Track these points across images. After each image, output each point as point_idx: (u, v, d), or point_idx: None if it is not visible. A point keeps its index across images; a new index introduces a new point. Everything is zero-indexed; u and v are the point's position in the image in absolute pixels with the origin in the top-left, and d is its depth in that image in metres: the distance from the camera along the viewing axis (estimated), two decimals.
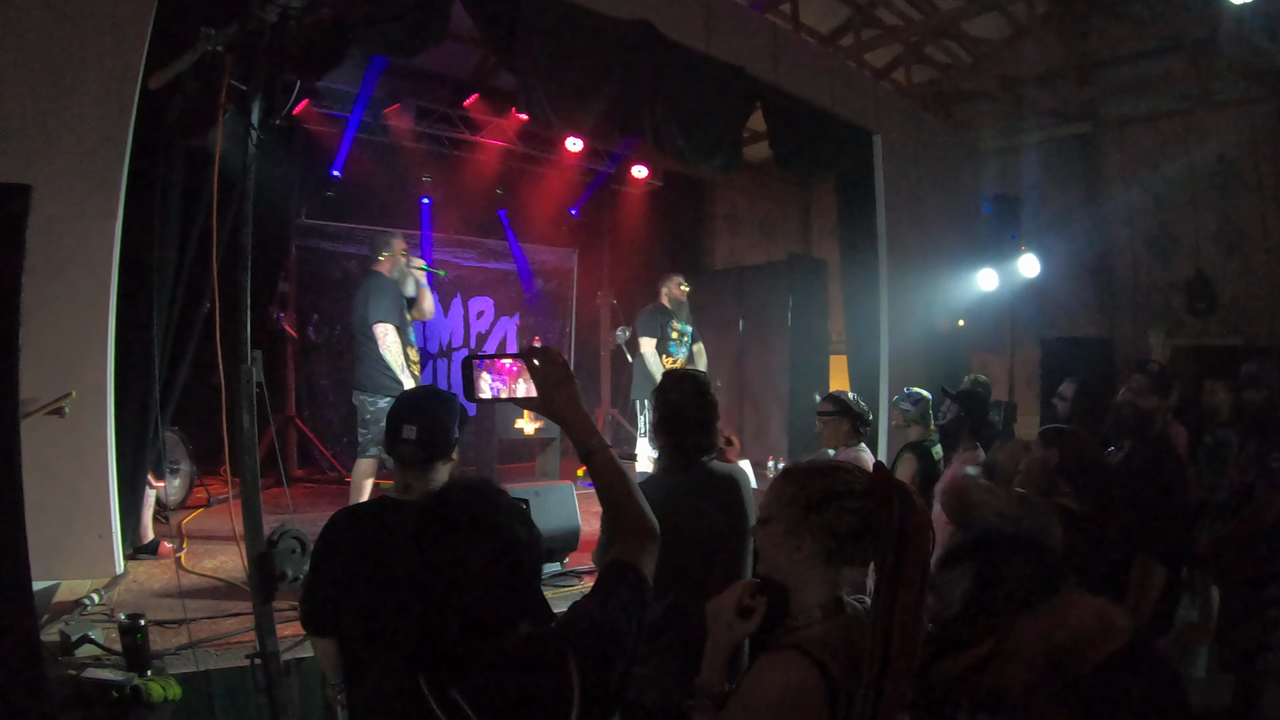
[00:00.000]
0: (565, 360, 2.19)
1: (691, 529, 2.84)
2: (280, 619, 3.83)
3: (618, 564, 2.04)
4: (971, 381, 7.49)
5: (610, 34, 7.49)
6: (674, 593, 2.83)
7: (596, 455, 2.13)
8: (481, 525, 1.74)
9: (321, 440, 10.12)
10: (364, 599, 2.66)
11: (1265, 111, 12.12)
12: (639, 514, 2.12)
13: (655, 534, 2.13)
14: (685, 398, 3.46)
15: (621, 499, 2.13)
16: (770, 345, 11.77)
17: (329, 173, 9.99)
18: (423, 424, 2.90)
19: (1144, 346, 12.80)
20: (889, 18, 12.53)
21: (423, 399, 3.10)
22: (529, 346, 2.23)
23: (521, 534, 1.78)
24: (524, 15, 6.77)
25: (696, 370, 3.59)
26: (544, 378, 2.12)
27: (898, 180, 10.94)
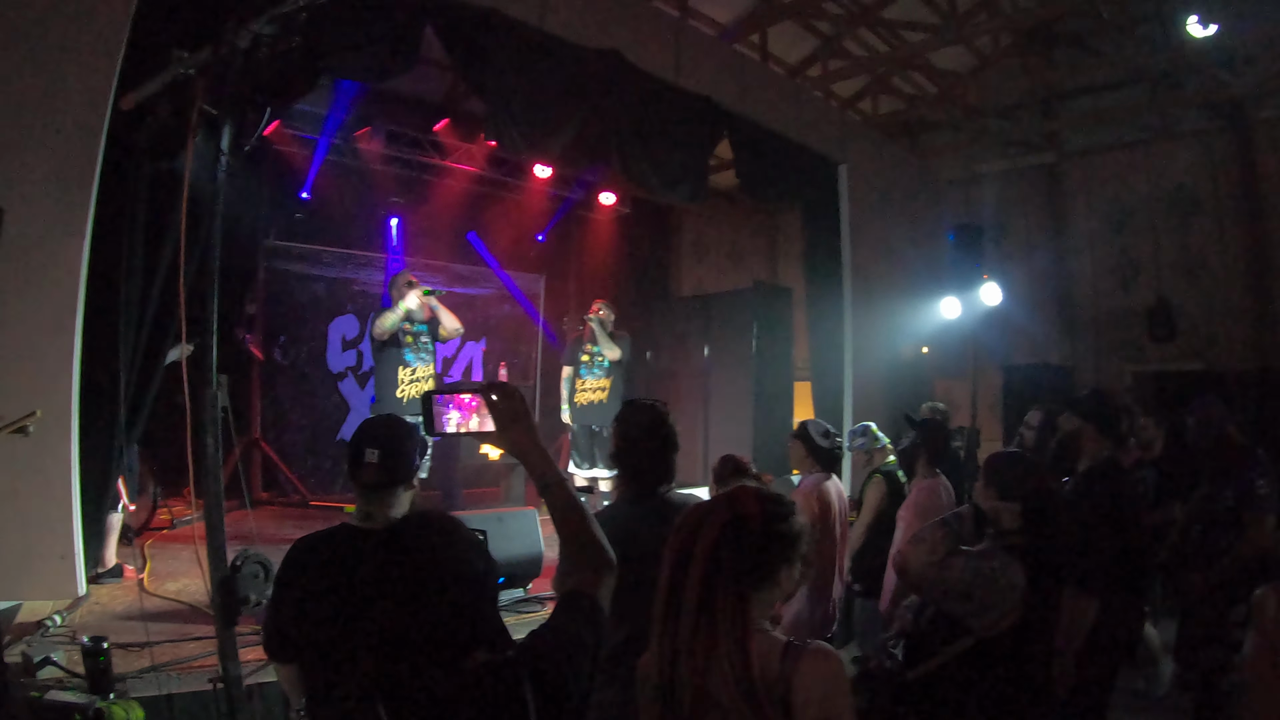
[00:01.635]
0: (523, 396, 2.21)
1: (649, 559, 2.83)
2: (243, 643, 3.81)
3: (574, 594, 2.06)
4: (931, 409, 7.58)
5: (580, 63, 7.55)
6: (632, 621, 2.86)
7: (553, 489, 2.16)
8: (438, 556, 1.77)
9: (286, 463, 10.04)
10: (325, 625, 2.65)
11: (1224, 141, 12.46)
12: (595, 545, 2.15)
13: (612, 565, 2.16)
14: (643, 428, 3.45)
15: (578, 531, 2.16)
16: (735, 372, 11.83)
17: (298, 194, 9.99)
18: (385, 449, 2.90)
19: (1105, 373, 13.01)
20: (856, 49, 12.71)
21: (385, 425, 3.08)
22: (488, 382, 2.25)
23: (478, 564, 1.81)
24: (495, 42, 6.82)
25: (655, 400, 3.59)
26: (501, 413, 2.14)
27: (863, 209, 11.04)
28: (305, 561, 2.84)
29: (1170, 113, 12.86)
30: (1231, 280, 12.44)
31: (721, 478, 4.71)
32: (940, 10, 11.52)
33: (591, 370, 8.95)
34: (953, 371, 13.10)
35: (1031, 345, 13.59)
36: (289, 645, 2.79)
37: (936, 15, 11.67)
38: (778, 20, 11.68)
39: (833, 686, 2.01)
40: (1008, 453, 3.85)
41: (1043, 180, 14.23)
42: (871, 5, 11.79)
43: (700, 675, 1.93)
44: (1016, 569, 3.14)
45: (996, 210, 14.27)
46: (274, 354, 10.43)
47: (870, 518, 5.88)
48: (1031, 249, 13.91)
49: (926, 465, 5.64)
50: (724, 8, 11.46)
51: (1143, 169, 13.15)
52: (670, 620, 1.98)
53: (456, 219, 11.85)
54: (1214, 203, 12.57)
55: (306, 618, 2.72)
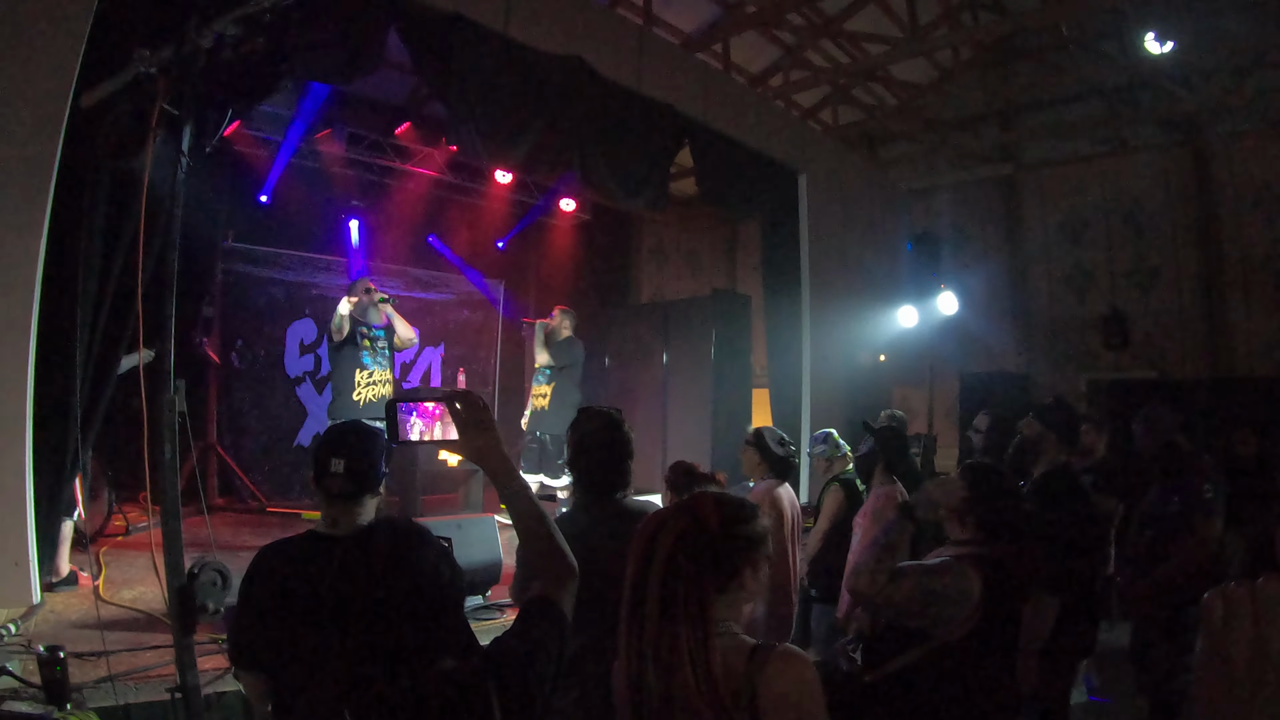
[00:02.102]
0: (486, 404, 2.20)
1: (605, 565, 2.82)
2: (200, 652, 3.77)
3: (538, 600, 2.08)
4: (888, 417, 7.62)
5: (543, 69, 7.53)
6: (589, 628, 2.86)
7: (516, 497, 2.16)
8: (405, 563, 1.78)
9: (243, 468, 9.92)
10: (292, 633, 2.63)
11: (1179, 156, 12.79)
12: (558, 553, 2.16)
13: (574, 572, 2.17)
14: (598, 435, 3.46)
15: (541, 539, 2.17)
16: (694, 378, 11.84)
17: (257, 196, 9.88)
18: (351, 458, 2.87)
19: (1060, 380, 13.22)
20: (818, 60, 12.81)
21: (351, 433, 3.03)
22: (452, 390, 2.25)
23: (444, 572, 1.83)
24: (458, 47, 6.77)
25: (610, 407, 3.58)
26: (465, 421, 2.13)
27: (822, 218, 11.11)
28: (272, 569, 2.80)
29: (1126, 127, 13.19)
30: (1184, 291, 12.77)
31: (674, 484, 4.73)
32: (902, 23, 11.64)
33: (535, 377, 9.03)
34: (910, 379, 13.24)
35: (988, 353, 13.81)
36: (255, 653, 2.75)
37: (898, 28, 11.79)
38: (741, 30, 11.74)
39: (802, 688, 2.03)
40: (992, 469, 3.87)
41: (1000, 191, 14.48)
42: (834, 17, 11.88)
43: (665, 678, 1.94)
44: (972, 578, 3.16)
45: (954, 220, 14.49)
46: (230, 358, 10.30)
47: (827, 525, 5.89)
48: (988, 259, 14.13)
49: (884, 473, 5.65)
50: (687, 17, 11.51)
51: (1098, 182, 13.48)
52: (635, 625, 1.99)
53: (416, 223, 11.81)
54: (1168, 215, 12.91)
55: (273, 625, 2.68)
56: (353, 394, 7.45)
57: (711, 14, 11.66)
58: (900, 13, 11.53)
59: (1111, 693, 6.17)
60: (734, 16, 11.63)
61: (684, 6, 11.27)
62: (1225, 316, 12.41)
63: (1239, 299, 12.35)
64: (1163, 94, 12.40)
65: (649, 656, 1.95)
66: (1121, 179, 13.28)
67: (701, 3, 11.36)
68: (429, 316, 12.30)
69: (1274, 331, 12.12)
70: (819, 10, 11.61)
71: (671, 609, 1.97)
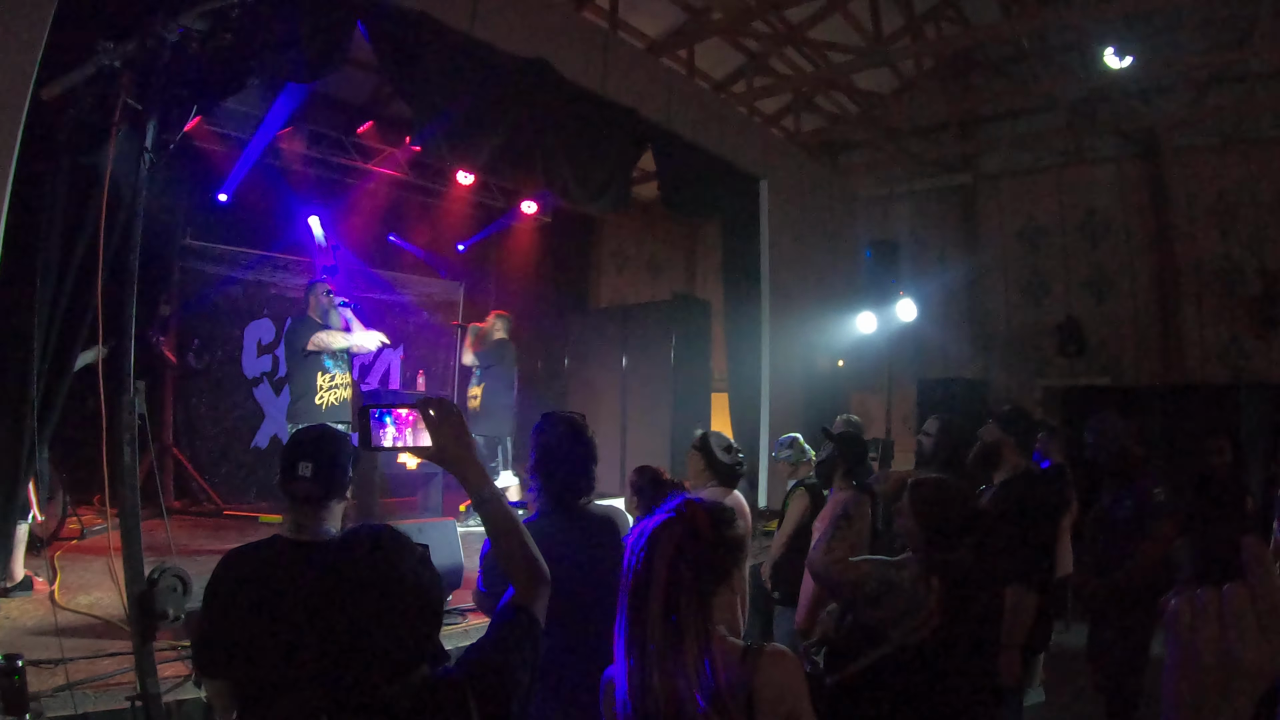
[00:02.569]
0: (459, 410, 2.21)
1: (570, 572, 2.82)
2: (160, 659, 3.70)
3: (512, 607, 2.09)
4: (845, 422, 7.67)
5: (508, 71, 7.49)
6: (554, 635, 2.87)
7: (490, 503, 2.16)
8: (387, 570, 1.75)
9: (200, 471, 9.79)
10: (263, 640, 2.59)
11: (1135, 169, 13.07)
12: (531, 560, 2.17)
13: (546, 578, 2.19)
14: (563, 440, 3.43)
15: (515, 546, 2.17)
16: (653, 382, 11.84)
17: (216, 194, 9.69)
18: (319, 461, 2.85)
19: (1016, 386, 13.41)
20: (782, 67, 12.87)
21: (319, 437, 3.01)
22: (425, 396, 2.25)
23: (426, 578, 1.81)
24: (424, 46, 6.74)
25: (573, 412, 3.58)
26: (439, 427, 2.14)
27: (782, 224, 11.18)
28: (239, 574, 2.77)
29: (1085, 139, 13.43)
30: (1138, 300, 13.03)
31: (640, 489, 4.72)
32: (865, 33, 11.72)
33: (470, 380, 9.10)
34: (868, 385, 13.35)
35: (945, 360, 13.97)
36: (222, 660, 2.72)
37: (862, 38, 11.87)
38: (706, 36, 11.76)
39: (794, 686, 2.09)
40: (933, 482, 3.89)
41: (959, 200, 14.68)
42: (799, 25, 11.93)
43: (671, 684, 1.95)
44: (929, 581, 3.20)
45: (912, 228, 14.64)
46: (187, 358, 10.14)
47: (791, 529, 5.93)
48: (946, 267, 14.29)
49: (844, 477, 5.71)
50: (653, 22, 11.52)
51: (1056, 192, 13.70)
52: (638, 635, 1.99)
53: (377, 224, 11.72)
54: (1123, 226, 13.16)
55: (242, 632, 2.65)
56: (315, 398, 7.40)
57: (677, 20, 11.69)
58: (864, 23, 11.61)
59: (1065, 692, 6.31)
60: (700, 22, 11.66)
61: (650, 11, 11.28)
62: (1178, 325, 12.65)
63: (1192, 308, 12.61)
64: (1121, 107, 12.65)
65: (654, 665, 1.96)
66: (1078, 189, 13.53)
67: (667, 8, 11.37)
68: (388, 318, 12.20)
69: (1225, 339, 12.41)
70: (784, 19, 11.66)
71: (676, 616, 1.98)
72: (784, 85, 12.96)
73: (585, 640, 3.20)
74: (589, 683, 3.17)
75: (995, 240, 14.19)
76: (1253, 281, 12.16)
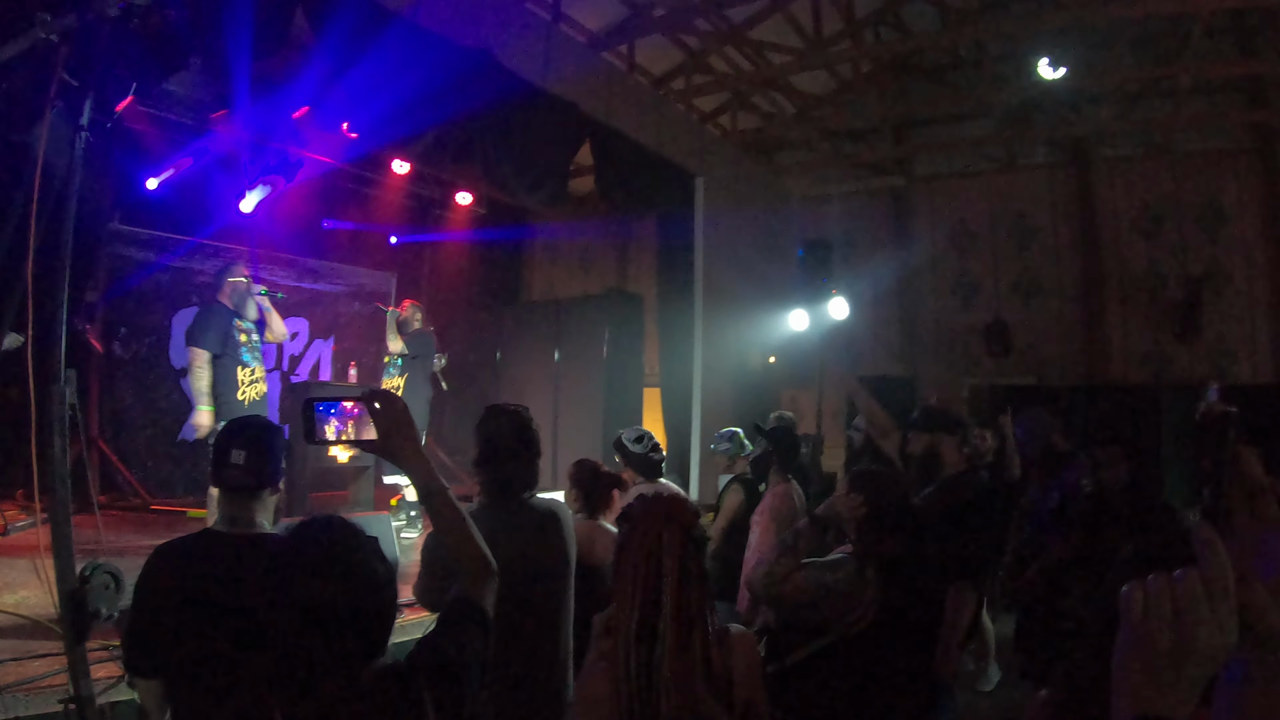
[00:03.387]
0: (404, 403, 2.19)
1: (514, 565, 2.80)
2: (92, 659, 3.61)
3: (461, 600, 2.10)
4: (777, 418, 7.74)
5: (449, 60, 7.38)
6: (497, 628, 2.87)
7: (437, 497, 2.16)
8: (344, 562, 1.75)
9: (126, 464, 9.50)
10: (199, 638, 2.55)
11: (1065, 176, 13.49)
12: (479, 553, 2.17)
13: (494, 571, 2.18)
14: (505, 433, 3.42)
15: (462, 540, 2.17)
16: (585, 377, 11.82)
17: (146, 178, 9.36)
18: (252, 451, 2.82)
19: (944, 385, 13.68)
20: (721, 65, 12.92)
21: (252, 425, 2.98)
22: (370, 389, 2.24)
23: (381, 570, 1.81)
24: (365, 31, 6.64)
25: (518, 406, 3.55)
26: (383, 421, 2.12)
27: (717, 221, 11.24)
28: (171, 570, 2.72)
29: (1017, 146, 13.78)
30: (1064, 303, 13.45)
31: (580, 482, 4.74)
32: (806, 35, 11.84)
33: (386, 370, 8.87)
34: (799, 381, 13.46)
35: (875, 358, 14.21)
36: (155, 660, 2.67)
37: (802, 40, 11.99)
38: (648, 32, 11.78)
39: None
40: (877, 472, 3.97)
41: (891, 202, 14.95)
42: (740, 25, 12.00)
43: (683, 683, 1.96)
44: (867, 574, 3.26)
45: (846, 228, 14.81)
46: (113, 347, 9.84)
47: (726, 523, 6.00)
48: (878, 267, 14.47)
49: (778, 471, 5.79)
50: (595, 16, 11.50)
51: (987, 197, 14.06)
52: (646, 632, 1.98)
53: (309, 211, 11.49)
54: (1051, 231, 13.57)
55: (176, 630, 2.60)
56: (237, 393, 7.08)
57: (619, 15, 11.68)
58: (805, 25, 11.73)
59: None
60: (641, 18, 11.67)
61: (592, 5, 11.26)
62: (1103, 328, 13.12)
63: (1116, 312, 13.08)
64: (1053, 116, 12.99)
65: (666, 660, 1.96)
66: (1009, 194, 13.91)
67: (611, 3, 11.38)
68: (318, 308, 12.05)
69: (1148, 343, 12.88)
70: (725, 18, 11.72)
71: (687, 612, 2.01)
72: (722, 83, 13.04)
73: (528, 631, 3.21)
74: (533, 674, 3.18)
75: (926, 242, 14.47)
76: (1175, 288, 12.60)
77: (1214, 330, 12.49)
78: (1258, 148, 12.44)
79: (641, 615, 1.98)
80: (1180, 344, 12.59)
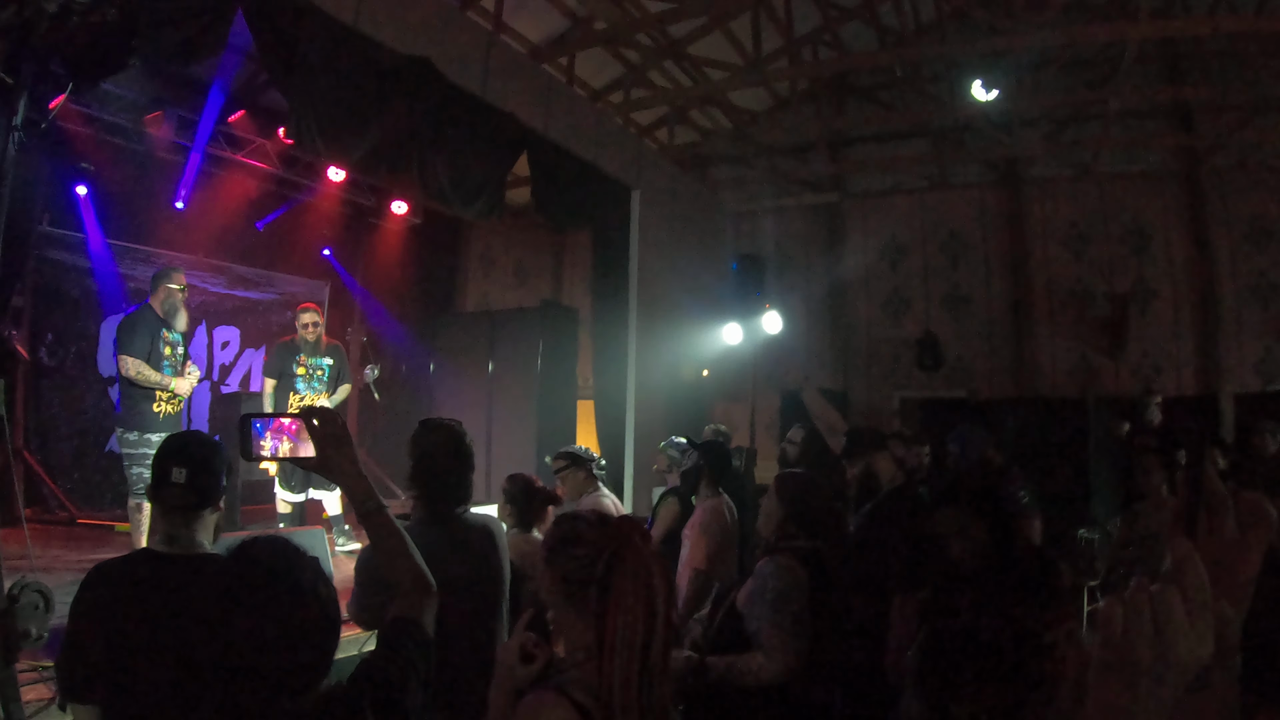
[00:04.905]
0: (343, 420, 2.19)
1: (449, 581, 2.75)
2: (23, 681, 3.55)
3: (400, 620, 2.08)
4: (713, 431, 7.78)
5: (390, 67, 7.32)
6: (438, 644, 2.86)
7: (374, 516, 2.15)
8: (290, 583, 1.75)
9: (51, 476, 9.23)
10: (138, 662, 2.48)
11: (995, 195, 13.92)
12: (417, 571, 2.17)
13: (432, 589, 2.18)
14: (440, 447, 3.41)
15: (400, 558, 2.17)
16: (519, 388, 11.78)
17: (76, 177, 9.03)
18: (193, 468, 2.74)
19: (876, 398, 13.94)
20: (660, 79, 13.01)
21: (193, 442, 2.90)
22: (308, 406, 2.23)
23: (324, 591, 1.81)
24: (305, 36, 6.52)
25: (451, 420, 3.53)
26: (323, 437, 2.11)
27: (652, 235, 11.29)
28: (108, 591, 2.63)
29: (949, 165, 14.16)
30: (993, 318, 13.84)
31: (513, 497, 4.75)
32: (745, 53, 11.97)
33: (310, 384, 7.88)
34: (733, 394, 13.56)
35: (807, 371, 14.31)
36: (92, 683, 2.56)
37: (740, 57, 12.13)
38: (589, 45, 11.80)
39: None
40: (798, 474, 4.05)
41: (825, 218, 15.21)
42: (680, 40, 12.10)
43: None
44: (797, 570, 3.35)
45: (780, 243, 15.06)
46: (40, 354, 9.53)
47: (661, 534, 6.01)
48: (811, 281, 14.74)
49: (710, 485, 5.79)
50: (536, 27, 11.52)
51: (919, 214, 14.41)
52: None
53: (243, 217, 11.26)
54: (982, 248, 13.96)
55: (112, 654, 2.51)
56: (153, 405, 6.74)
57: (560, 27, 11.73)
58: (745, 42, 11.86)
59: None
60: (582, 31, 11.71)
61: (534, 17, 11.29)
62: (1031, 342, 13.54)
63: (1044, 327, 13.49)
64: (985, 137, 13.34)
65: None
66: (941, 212, 14.27)
67: (552, 14, 11.42)
68: (251, 316, 11.87)
69: (1075, 357, 13.28)
70: (666, 33, 11.80)
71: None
72: (661, 98, 13.12)
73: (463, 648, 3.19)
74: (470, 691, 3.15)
75: (859, 257, 14.74)
76: (1102, 304, 13.01)
77: (1140, 345, 12.92)
78: (1184, 170, 12.91)
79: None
80: (1107, 358, 12.98)
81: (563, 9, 11.43)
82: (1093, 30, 10.73)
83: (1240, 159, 12.47)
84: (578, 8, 11.32)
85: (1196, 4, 11.26)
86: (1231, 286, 12.54)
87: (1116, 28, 10.63)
